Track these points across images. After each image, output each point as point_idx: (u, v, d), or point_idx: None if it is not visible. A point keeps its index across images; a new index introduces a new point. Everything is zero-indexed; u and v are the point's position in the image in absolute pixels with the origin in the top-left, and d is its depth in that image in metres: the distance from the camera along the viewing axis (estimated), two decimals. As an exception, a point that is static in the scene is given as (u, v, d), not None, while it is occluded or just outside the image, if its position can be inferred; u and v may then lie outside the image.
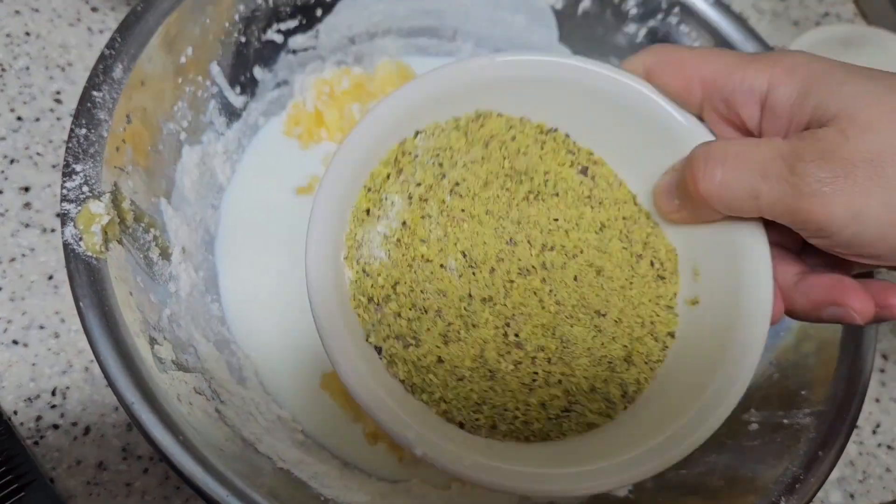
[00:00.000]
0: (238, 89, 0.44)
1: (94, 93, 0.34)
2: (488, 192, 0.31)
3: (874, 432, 0.51)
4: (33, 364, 0.42)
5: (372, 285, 0.29)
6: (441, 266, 0.30)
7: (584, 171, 0.33)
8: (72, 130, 0.33)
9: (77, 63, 0.51)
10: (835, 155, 0.24)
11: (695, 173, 0.27)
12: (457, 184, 0.31)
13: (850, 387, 0.37)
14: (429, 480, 0.40)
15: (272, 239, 0.44)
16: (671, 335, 0.31)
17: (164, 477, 0.40)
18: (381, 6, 0.46)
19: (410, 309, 0.29)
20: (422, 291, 0.29)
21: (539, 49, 0.49)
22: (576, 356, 0.30)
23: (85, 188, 0.33)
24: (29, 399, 0.41)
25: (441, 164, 0.31)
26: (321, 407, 0.41)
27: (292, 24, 0.45)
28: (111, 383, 0.30)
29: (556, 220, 0.32)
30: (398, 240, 0.30)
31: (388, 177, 0.30)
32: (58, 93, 0.50)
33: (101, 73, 0.34)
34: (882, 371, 0.53)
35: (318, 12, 0.46)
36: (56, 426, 0.41)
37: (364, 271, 0.29)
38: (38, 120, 0.48)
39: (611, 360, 0.30)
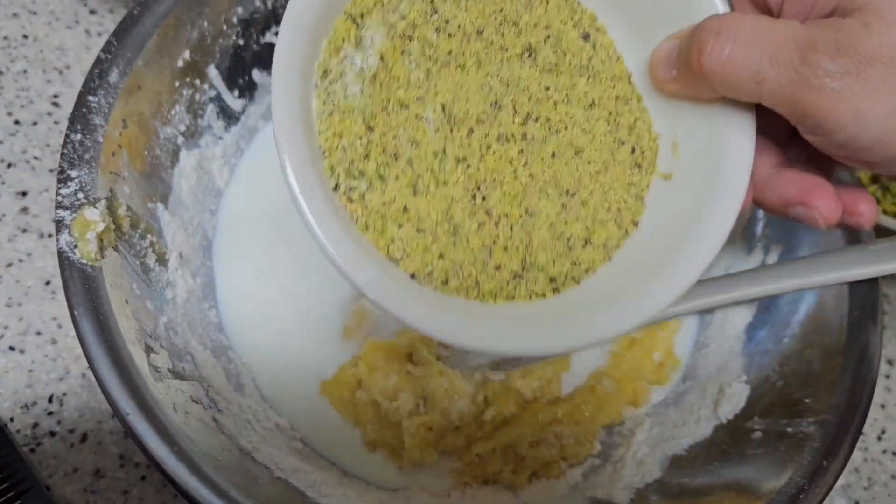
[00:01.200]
0: (236, 93, 0.43)
1: (90, 97, 0.34)
2: (481, 39, 0.30)
3: (879, 438, 0.51)
4: (30, 370, 0.41)
5: (340, 120, 0.28)
6: (417, 117, 0.29)
7: (585, 37, 0.32)
8: (67, 136, 0.33)
9: (75, 66, 0.51)
10: (852, 49, 0.23)
11: (702, 45, 0.26)
12: (447, 21, 0.29)
13: (854, 395, 0.36)
14: (427, 489, 0.39)
15: (271, 244, 0.43)
16: (635, 224, 0.31)
17: (161, 484, 0.40)
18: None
19: (381, 152, 0.28)
20: (394, 137, 0.28)
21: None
22: (536, 228, 0.30)
23: (80, 194, 0.32)
24: (26, 406, 0.41)
25: None
26: (320, 414, 0.40)
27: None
28: (106, 393, 0.30)
29: (548, 88, 0.31)
30: (374, 76, 0.28)
31: (375, 5, 0.29)
32: (55, 96, 0.49)
33: (96, 77, 0.34)
34: (887, 377, 0.52)
35: None
36: (53, 433, 0.40)
37: (334, 104, 0.28)
38: (35, 124, 0.48)
39: (570, 238, 0.30)
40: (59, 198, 0.32)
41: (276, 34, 0.43)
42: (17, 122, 0.48)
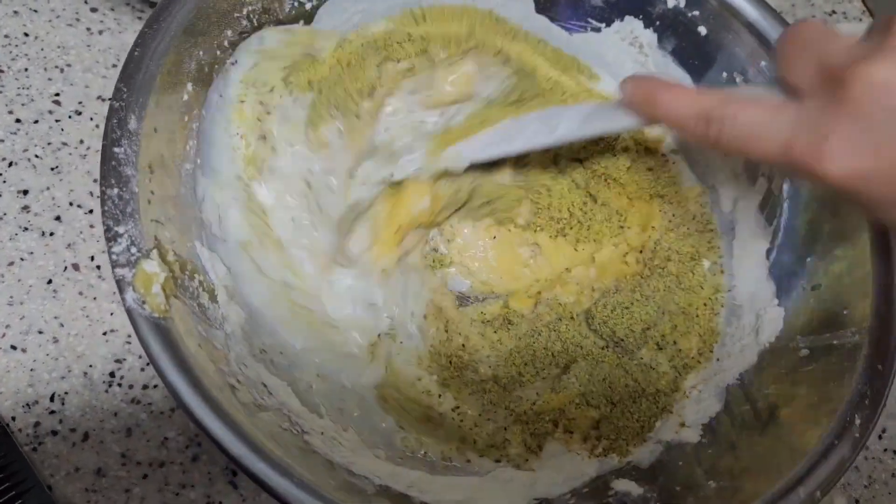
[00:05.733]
0: None
1: (115, 149, 0.33)
2: None
3: (880, 437, 0.51)
4: (31, 369, 0.41)
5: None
6: None
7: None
8: (103, 192, 0.32)
9: (76, 64, 0.51)
10: None
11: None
12: None
13: (889, 298, 0.37)
14: (512, 463, 0.40)
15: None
16: None
17: (164, 483, 0.40)
18: (362, 5, 0.45)
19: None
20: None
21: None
22: None
23: (133, 249, 0.32)
24: (27, 405, 0.41)
25: None
26: (380, 419, 0.41)
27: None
28: (220, 445, 0.30)
29: None
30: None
31: None
32: (56, 94, 0.49)
33: (116, 127, 0.33)
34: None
35: (300, 24, 0.44)
36: (55, 432, 0.40)
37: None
38: (36, 122, 0.48)
39: None
40: (114, 256, 0.31)
41: None
42: (18, 121, 0.48)
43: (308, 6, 0.43)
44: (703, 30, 0.45)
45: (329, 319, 0.41)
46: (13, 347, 0.42)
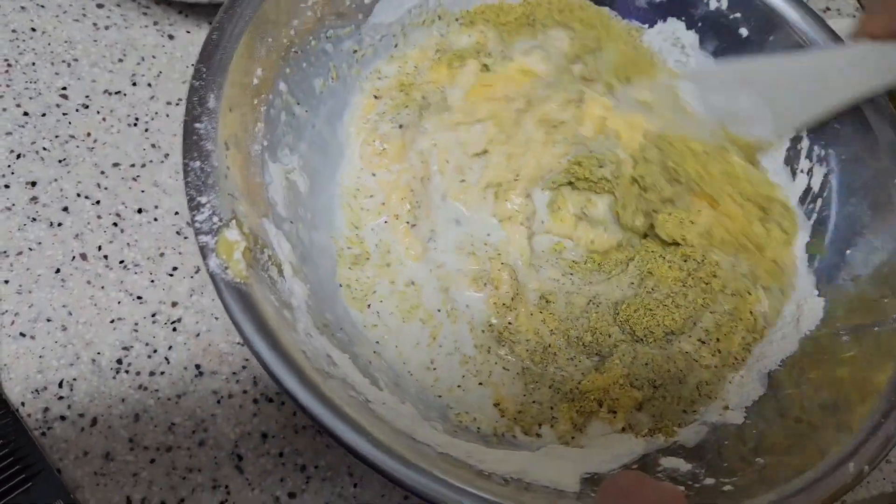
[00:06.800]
0: (301, 102, 0.44)
1: (196, 125, 0.34)
2: None
3: (893, 447, 0.51)
4: (40, 356, 0.42)
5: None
6: None
7: None
8: (186, 164, 0.33)
9: (82, 59, 0.51)
10: None
11: None
12: None
13: None
14: (561, 440, 0.41)
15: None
16: None
17: (171, 467, 0.41)
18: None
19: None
20: None
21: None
22: None
23: (215, 218, 0.33)
24: (36, 391, 0.41)
25: None
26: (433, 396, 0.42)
27: (341, 31, 0.46)
28: (301, 405, 0.30)
29: None
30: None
31: None
32: (63, 88, 0.50)
33: (197, 104, 0.35)
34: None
35: (360, 16, 0.47)
36: (63, 417, 0.41)
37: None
38: (44, 115, 0.49)
39: None
40: (197, 224, 0.32)
41: (327, 39, 0.46)
42: (25, 114, 0.48)
43: (367, 0, 0.45)
44: (744, 31, 0.46)
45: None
46: (22, 335, 0.42)
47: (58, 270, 0.45)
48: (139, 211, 0.47)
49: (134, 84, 0.52)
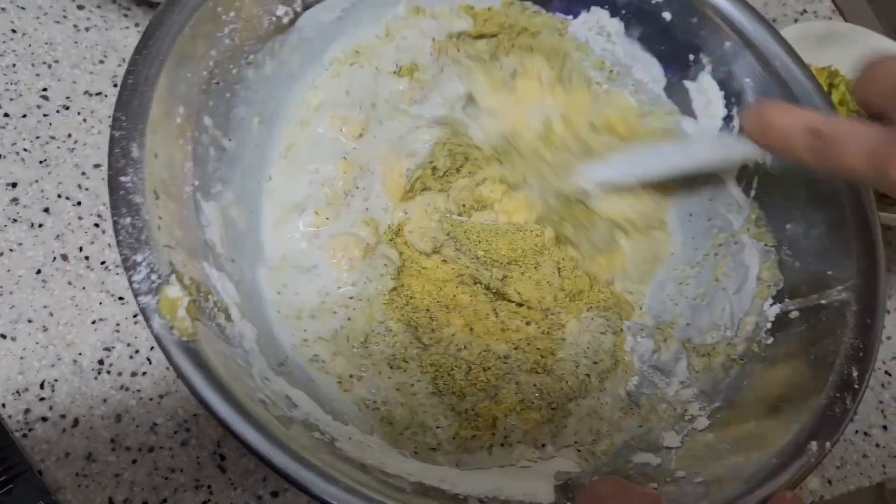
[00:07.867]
0: (229, 134, 0.42)
1: (122, 178, 0.33)
2: None
3: (851, 420, 0.52)
4: (21, 357, 0.42)
5: None
6: None
7: None
8: (116, 222, 0.32)
9: (63, 60, 0.51)
10: None
11: None
12: None
13: (870, 255, 0.39)
14: (528, 444, 0.41)
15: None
16: None
17: (153, 467, 0.41)
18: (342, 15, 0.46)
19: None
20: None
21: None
22: None
23: (153, 276, 0.31)
24: (17, 392, 0.41)
25: None
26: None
27: (260, 55, 0.43)
28: (265, 460, 0.29)
29: None
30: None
31: None
32: (44, 89, 0.50)
33: (120, 156, 0.33)
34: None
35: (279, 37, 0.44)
36: (45, 419, 0.41)
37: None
38: (24, 116, 0.49)
39: None
40: (136, 285, 0.31)
41: (248, 63, 0.42)
42: (6, 115, 0.48)
43: (285, 20, 0.43)
44: (667, 15, 0.47)
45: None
46: (3, 336, 0.42)
47: (39, 271, 0.45)
48: (121, 212, 0.47)
49: (115, 85, 0.52)
